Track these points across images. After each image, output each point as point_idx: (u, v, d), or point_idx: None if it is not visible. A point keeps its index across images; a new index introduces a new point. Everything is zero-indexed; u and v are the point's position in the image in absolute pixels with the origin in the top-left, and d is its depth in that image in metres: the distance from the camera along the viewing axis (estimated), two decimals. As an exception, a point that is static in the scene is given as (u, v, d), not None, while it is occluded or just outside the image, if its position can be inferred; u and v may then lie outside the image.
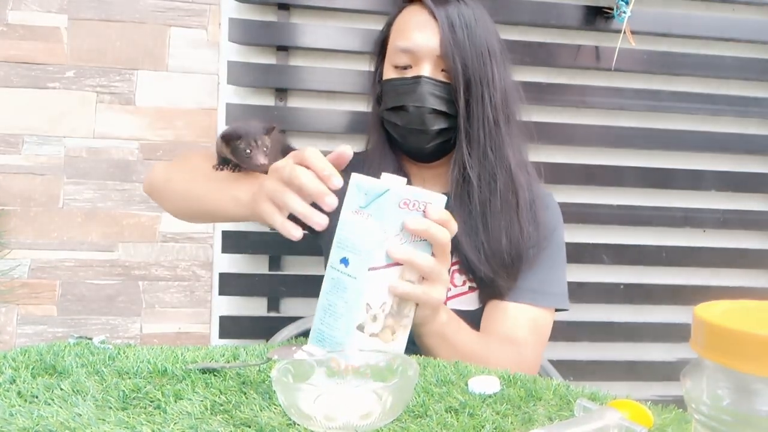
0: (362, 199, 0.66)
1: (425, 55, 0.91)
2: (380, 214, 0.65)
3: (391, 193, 0.65)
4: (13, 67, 1.47)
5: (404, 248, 0.66)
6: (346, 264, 0.67)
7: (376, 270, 0.65)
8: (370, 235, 0.65)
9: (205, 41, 1.54)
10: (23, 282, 1.49)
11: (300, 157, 0.69)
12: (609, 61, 1.58)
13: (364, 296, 0.66)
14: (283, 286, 1.55)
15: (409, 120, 0.91)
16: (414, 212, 0.66)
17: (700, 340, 0.31)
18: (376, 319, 0.67)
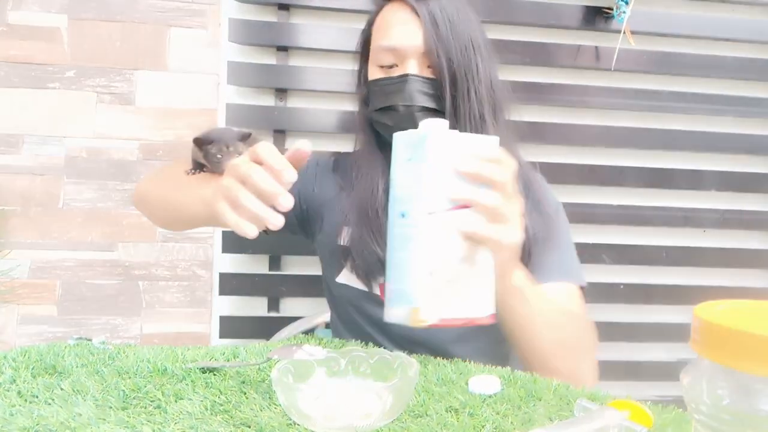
0: (407, 152, 0.65)
1: (410, 53, 0.90)
2: (428, 160, 0.63)
3: (432, 137, 0.63)
4: (14, 67, 1.47)
5: (464, 188, 0.63)
6: (405, 217, 0.64)
7: (436, 214, 0.63)
8: (423, 180, 0.63)
9: (206, 41, 1.54)
10: (23, 282, 1.49)
11: (254, 154, 0.68)
12: (609, 61, 1.58)
13: (428, 241, 0.63)
14: (283, 286, 1.55)
15: (399, 120, 0.90)
16: (464, 155, 0.64)
17: (700, 340, 0.31)
18: (445, 264, 0.63)
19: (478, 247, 0.65)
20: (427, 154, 0.63)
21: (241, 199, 0.66)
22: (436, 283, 0.63)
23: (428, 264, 0.63)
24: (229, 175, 0.68)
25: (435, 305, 0.63)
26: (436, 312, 0.63)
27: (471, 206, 0.64)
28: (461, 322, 0.65)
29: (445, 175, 0.63)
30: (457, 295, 0.64)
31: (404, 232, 0.65)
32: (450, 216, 0.63)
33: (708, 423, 0.28)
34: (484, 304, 0.67)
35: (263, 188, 0.64)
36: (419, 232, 0.63)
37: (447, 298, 0.64)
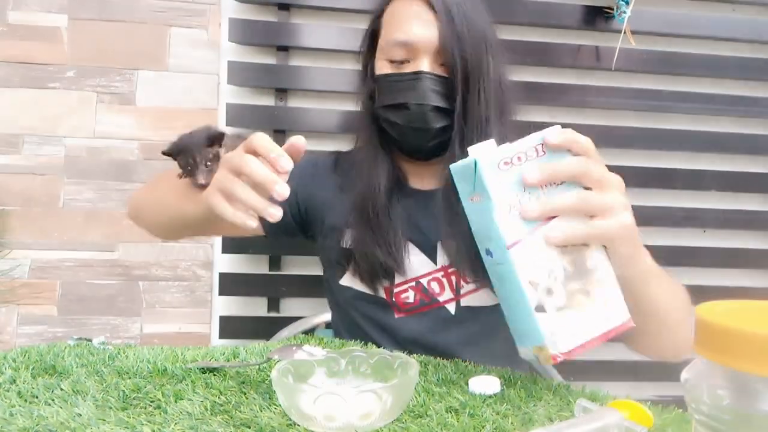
0: (468, 185, 0.59)
1: (424, 49, 0.85)
2: (488, 189, 0.56)
3: (482, 163, 0.56)
4: (14, 67, 1.47)
5: (534, 202, 0.56)
6: (491, 255, 0.59)
7: (517, 244, 0.56)
8: (490, 214, 0.56)
9: (206, 41, 1.54)
10: (23, 282, 1.49)
11: (248, 144, 0.65)
12: (609, 61, 1.58)
13: (521, 276, 0.56)
14: (283, 286, 1.55)
15: (410, 118, 0.86)
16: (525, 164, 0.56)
17: (700, 340, 0.31)
18: (551, 292, 0.56)
19: (585, 254, 0.57)
20: (485, 185, 0.56)
21: (236, 190, 0.64)
22: (548, 316, 0.56)
23: (531, 300, 0.56)
24: (222, 168, 0.67)
25: (557, 338, 0.56)
26: (562, 344, 0.56)
27: (555, 214, 0.56)
28: (597, 341, 0.58)
29: (512, 199, 0.56)
30: (578, 316, 0.57)
31: (496, 270, 0.59)
32: (537, 237, 0.56)
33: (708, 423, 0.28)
34: (615, 312, 0.58)
35: (258, 177, 0.62)
36: (508, 270, 0.57)
37: (567, 324, 0.57)
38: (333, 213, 0.97)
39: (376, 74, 0.91)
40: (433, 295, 0.91)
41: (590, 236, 0.57)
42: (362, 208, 0.91)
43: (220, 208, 0.66)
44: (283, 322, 1.38)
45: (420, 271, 0.91)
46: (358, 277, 0.93)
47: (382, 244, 0.89)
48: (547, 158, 0.57)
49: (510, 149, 0.57)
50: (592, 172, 0.59)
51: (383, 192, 0.91)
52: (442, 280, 0.91)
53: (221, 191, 0.66)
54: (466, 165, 0.58)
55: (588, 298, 0.57)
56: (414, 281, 0.91)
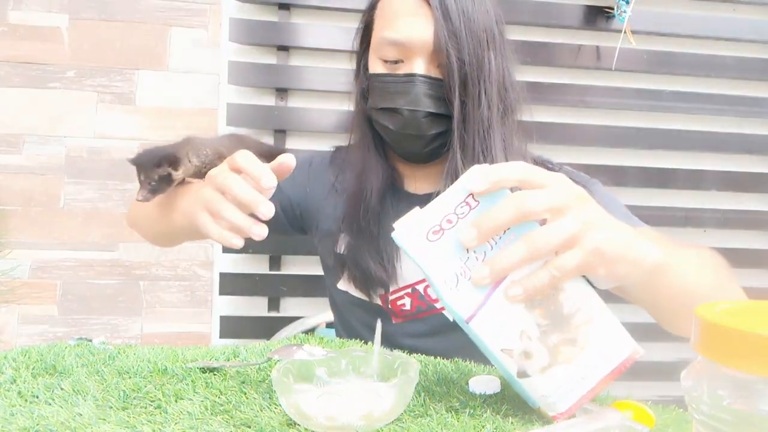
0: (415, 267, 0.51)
1: (418, 49, 0.79)
2: (424, 269, 0.49)
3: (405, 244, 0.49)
4: (14, 66, 1.48)
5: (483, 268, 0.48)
6: (458, 321, 0.52)
7: (476, 315, 0.49)
8: (438, 291, 0.49)
9: (206, 41, 1.54)
10: (24, 282, 1.49)
11: (232, 162, 0.64)
12: (610, 61, 1.58)
13: (491, 346, 0.50)
14: (284, 285, 1.55)
15: (403, 124, 0.81)
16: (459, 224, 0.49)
17: (700, 340, 0.31)
18: (530, 355, 0.49)
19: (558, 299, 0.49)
20: (419, 262, 0.49)
21: (222, 210, 0.63)
22: (534, 381, 0.50)
23: (510, 368, 0.50)
24: (208, 185, 0.66)
25: (551, 399, 0.50)
26: (559, 404, 0.50)
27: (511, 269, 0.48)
28: (602, 386, 0.50)
29: (457, 268, 0.49)
30: (569, 370, 0.49)
31: (471, 338, 0.53)
32: (496, 299, 0.48)
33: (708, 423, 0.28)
34: (615, 348, 0.51)
35: (242, 197, 0.61)
36: (478, 341, 0.51)
37: (558, 382, 0.49)
38: (327, 217, 0.95)
39: (369, 72, 0.86)
40: (430, 301, 0.89)
41: (556, 280, 0.48)
42: (353, 215, 0.88)
43: (207, 227, 0.65)
44: (283, 322, 1.37)
45: (415, 278, 0.89)
46: (353, 284, 0.91)
47: (373, 254, 0.86)
48: (482, 207, 0.48)
49: (435, 214, 0.49)
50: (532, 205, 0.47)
51: (375, 197, 0.87)
52: None
53: (207, 210, 0.65)
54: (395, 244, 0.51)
55: (575, 347, 0.49)
56: (409, 288, 0.89)
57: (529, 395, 0.51)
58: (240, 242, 0.63)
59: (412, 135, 0.82)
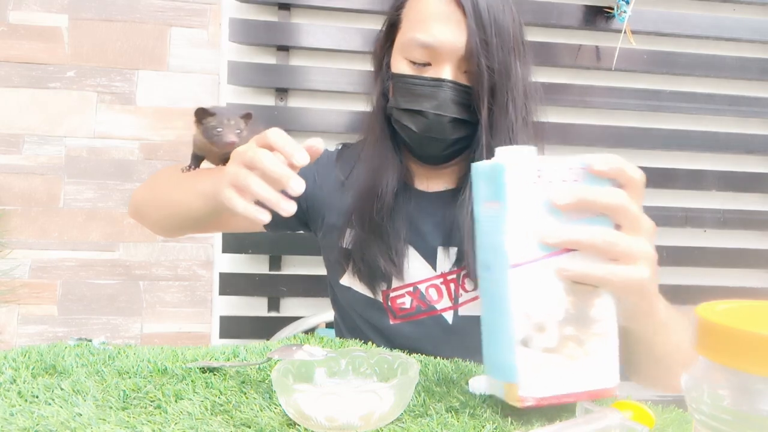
0: (486, 188, 0.52)
1: (448, 54, 0.79)
2: (507, 198, 0.49)
3: (508, 169, 0.49)
4: (14, 66, 1.48)
5: (558, 228, 0.49)
6: (489, 270, 0.53)
7: (522, 266, 0.49)
8: (502, 226, 0.50)
9: (206, 41, 1.54)
10: (24, 282, 1.49)
11: (262, 139, 0.64)
12: (609, 61, 1.58)
13: (515, 302, 0.50)
14: (284, 285, 1.55)
15: (427, 127, 0.81)
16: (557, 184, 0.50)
17: (700, 340, 0.31)
18: (543, 328, 0.50)
19: (592, 300, 0.51)
20: (507, 192, 0.49)
21: (250, 184, 0.62)
22: (533, 355, 0.50)
23: (520, 331, 0.50)
24: (234, 161, 0.65)
25: (533, 382, 0.50)
26: (536, 388, 0.50)
27: (577, 249, 0.50)
28: (573, 399, 0.51)
29: (531, 218, 0.49)
30: (562, 365, 0.50)
31: (488, 288, 0.53)
32: (545, 266, 0.50)
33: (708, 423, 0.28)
34: (603, 374, 0.51)
35: (273, 171, 0.60)
36: (503, 291, 0.50)
37: (548, 369, 0.50)
38: (333, 211, 0.95)
39: (393, 72, 0.85)
40: (431, 302, 0.89)
41: (606, 280, 0.50)
42: (365, 209, 0.88)
43: (233, 201, 0.64)
44: (283, 322, 1.38)
45: (418, 277, 0.89)
46: (357, 277, 0.91)
47: (383, 248, 0.86)
48: (584, 185, 0.50)
49: (545, 164, 0.50)
50: (630, 210, 0.51)
51: (390, 194, 0.87)
52: (440, 287, 0.89)
53: (233, 185, 0.64)
54: (491, 167, 0.51)
55: (581, 349, 0.50)
56: (411, 287, 0.89)
57: (515, 366, 0.50)
58: (267, 216, 0.62)
59: (435, 138, 0.83)
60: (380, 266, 0.86)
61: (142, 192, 0.98)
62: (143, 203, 0.97)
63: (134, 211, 1.00)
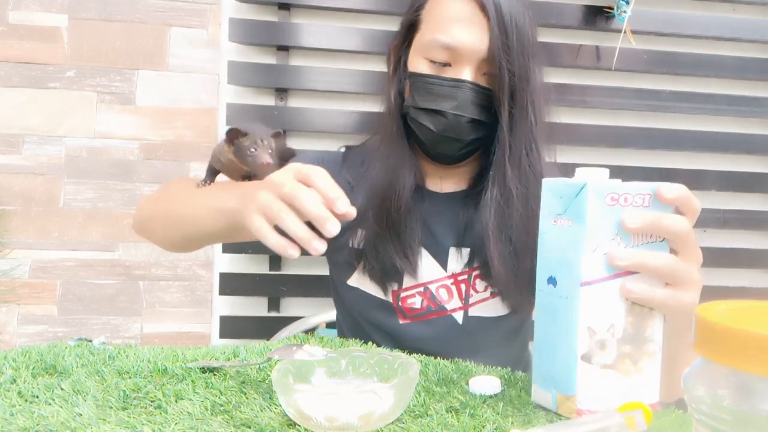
0: (558, 205, 0.55)
1: (469, 56, 0.80)
2: (584, 217, 0.52)
3: (590, 188, 0.52)
4: (14, 66, 1.48)
5: (628, 251, 0.52)
6: (554, 284, 0.55)
7: (591, 284, 0.53)
8: (576, 243, 0.53)
9: (206, 41, 1.54)
10: (24, 282, 1.49)
11: (303, 175, 0.63)
12: (609, 61, 1.58)
13: (581, 318, 0.53)
14: (284, 286, 1.55)
15: (445, 127, 0.82)
16: (629, 208, 0.53)
17: (700, 340, 0.31)
18: (604, 346, 0.53)
19: (647, 321, 0.54)
20: (587, 211, 0.52)
21: (284, 219, 0.61)
22: (591, 369, 0.53)
23: (582, 347, 0.53)
24: (268, 191, 0.64)
25: (587, 395, 0.53)
26: (592, 403, 0.53)
27: (641, 272, 0.53)
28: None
29: (606, 236, 0.52)
30: (617, 381, 0.53)
31: (552, 302, 0.55)
32: (608, 286, 0.53)
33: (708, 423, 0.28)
34: (649, 390, 0.55)
35: (312, 212, 0.60)
36: (571, 307, 0.53)
37: (603, 385, 0.53)
38: None
39: (411, 71, 0.86)
40: (441, 302, 0.89)
41: (665, 304, 0.54)
42: (381, 207, 0.87)
43: (263, 232, 0.63)
44: (283, 322, 1.38)
45: (429, 277, 0.89)
46: (368, 276, 0.90)
47: (397, 245, 0.86)
48: (654, 211, 0.53)
49: (620, 187, 0.53)
50: (691, 238, 0.54)
51: (408, 192, 0.87)
52: (450, 288, 0.89)
53: (265, 215, 0.63)
54: (567, 184, 0.54)
55: (634, 367, 0.54)
56: (422, 287, 0.90)
57: (575, 380, 0.53)
58: (297, 253, 0.61)
59: (452, 138, 0.84)
60: (395, 263, 0.86)
61: (151, 206, 0.95)
62: (152, 218, 0.94)
63: (140, 226, 0.97)
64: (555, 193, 0.55)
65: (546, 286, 0.56)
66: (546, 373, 0.56)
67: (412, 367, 0.55)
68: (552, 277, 0.55)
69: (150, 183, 1.52)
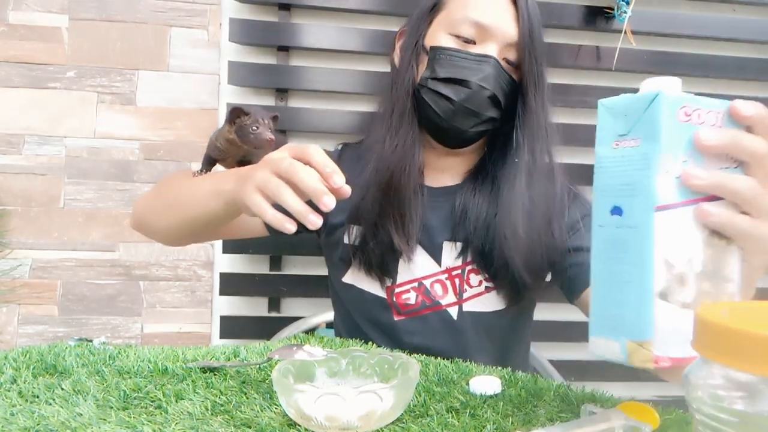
0: (622, 124, 0.48)
1: (498, 37, 0.83)
2: (654, 133, 0.45)
3: (663, 99, 0.45)
4: (14, 67, 1.48)
5: (713, 172, 0.45)
6: (620, 213, 0.47)
7: (667, 209, 0.45)
8: (648, 164, 0.45)
9: (206, 41, 1.54)
10: (24, 282, 1.49)
11: (300, 152, 0.65)
12: (610, 61, 1.58)
13: (657, 249, 0.45)
14: (284, 286, 1.55)
15: (468, 96, 0.83)
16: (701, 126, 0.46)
17: (700, 340, 0.31)
18: (684, 281, 0.45)
19: (727, 258, 0.48)
20: (659, 127, 0.45)
21: (282, 193, 0.63)
22: (670, 309, 0.45)
23: (658, 281, 0.45)
24: (264, 169, 0.66)
25: (669, 338, 0.45)
26: (673, 348, 0.45)
27: (719, 196, 0.46)
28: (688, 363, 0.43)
29: (674, 158, 0.45)
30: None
31: (619, 235, 0.47)
32: (687, 212, 0.46)
33: (709, 423, 0.28)
34: None
35: (309, 185, 0.62)
36: (644, 237, 0.45)
37: (683, 328, 0.44)
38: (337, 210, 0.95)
39: (434, 45, 0.87)
40: (435, 297, 0.90)
41: (746, 232, 0.47)
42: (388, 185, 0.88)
43: (261, 208, 0.65)
44: (283, 322, 1.38)
45: (423, 272, 0.90)
46: (363, 271, 0.91)
47: (397, 225, 0.87)
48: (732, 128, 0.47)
49: (694, 100, 0.45)
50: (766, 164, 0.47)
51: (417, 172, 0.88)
52: (445, 283, 0.90)
53: (261, 191, 0.65)
54: (634, 98, 0.47)
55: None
56: (416, 282, 0.90)
57: (652, 321, 0.45)
58: (294, 227, 0.63)
59: (470, 111, 0.84)
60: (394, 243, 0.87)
61: (148, 199, 0.97)
62: (149, 210, 0.95)
63: (138, 220, 0.98)
64: (616, 111, 0.48)
65: (609, 218, 0.48)
66: (611, 320, 0.48)
67: (412, 367, 0.55)
68: (617, 207, 0.47)
69: (150, 183, 1.52)
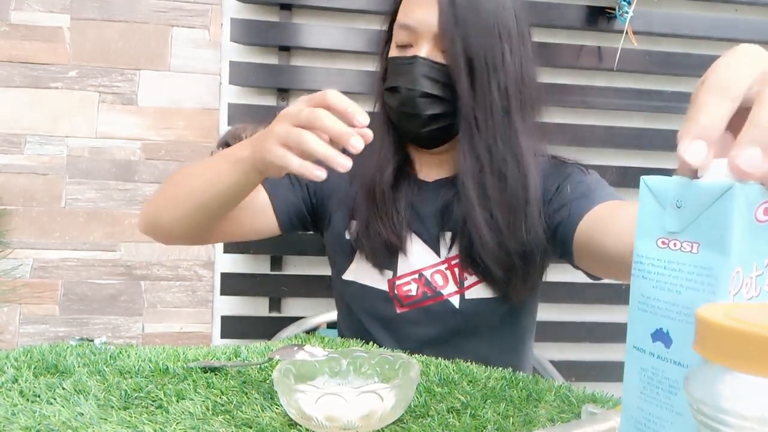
0: (673, 218, 0.35)
1: (424, 34, 0.83)
2: (723, 240, 0.32)
3: (738, 195, 0.32)
4: (16, 66, 1.48)
5: None
6: (666, 342, 0.34)
7: None
8: (709, 282, 0.33)
9: (207, 41, 1.54)
10: (25, 281, 1.49)
11: (318, 99, 0.64)
12: (611, 62, 1.58)
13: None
14: (285, 286, 1.55)
15: (401, 102, 0.84)
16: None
17: (701, 340, 0.31)
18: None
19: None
20: (731, 232, 0.32)
21: (308, 140, 0.62)
22: None
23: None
24: (283, 122, 0.65)
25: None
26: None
27: None
28: None
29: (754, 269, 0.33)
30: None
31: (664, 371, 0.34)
32: None
33: (709, 424, 0.28)
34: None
35: (334, 130, 0.61)
36: None
37: None
38: (340, 204, 0.96)
39: (388, 56, 0.90)
40: (437, 287, 0.90)
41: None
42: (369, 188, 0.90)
43: (286, 158, 0.64)
44: (284, 322, 1.38)
45: (423, 263, 0.90)
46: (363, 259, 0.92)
47: (385, 223, 0.88)
48: None
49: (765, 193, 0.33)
50: None
51: (390, 174, 0.89)
52: (445, 273, 0.90)
53: (284, 144, 0.64)
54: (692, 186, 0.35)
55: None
56: (417, 273, 0.90)
57: None
58: (323, 174, 0.63)
59: (409, 113, 0.85)
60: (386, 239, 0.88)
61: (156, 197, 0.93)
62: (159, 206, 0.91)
63: (148, 221, 0.93)
64: (665, 197, 0.36)
65: (649, 344, 0.35)
66: None
67: (413, 367, 0.55)
68: (663, 332, 0.34)
69: (151, 183, 1.53)
